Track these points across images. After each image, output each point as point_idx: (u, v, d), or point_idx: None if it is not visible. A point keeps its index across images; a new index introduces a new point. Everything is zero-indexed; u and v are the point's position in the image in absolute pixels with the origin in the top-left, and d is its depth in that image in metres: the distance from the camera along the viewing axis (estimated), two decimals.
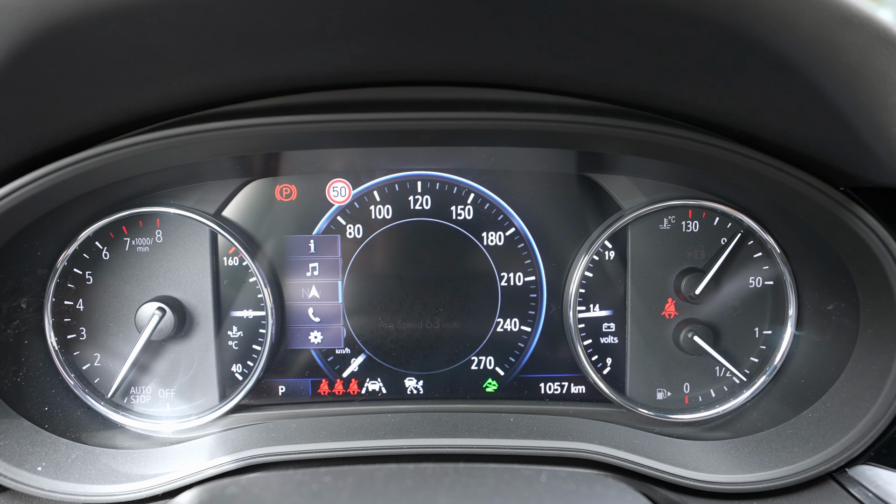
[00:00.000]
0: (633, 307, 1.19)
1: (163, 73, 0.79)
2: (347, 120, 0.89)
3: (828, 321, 1.09)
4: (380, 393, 1.24)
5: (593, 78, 0.84)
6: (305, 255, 1.20)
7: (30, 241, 1.04)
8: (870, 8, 0.63)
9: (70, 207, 1.02)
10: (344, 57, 0.80)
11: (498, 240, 1.21)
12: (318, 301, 1.21)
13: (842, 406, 1.00)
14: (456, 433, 1.02)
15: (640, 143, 0.92)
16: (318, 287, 1.21)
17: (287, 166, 1.16)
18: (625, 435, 1.07)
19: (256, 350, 1.20)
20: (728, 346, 1.19)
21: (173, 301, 1.15)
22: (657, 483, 0.95)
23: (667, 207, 1.15)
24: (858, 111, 0.71)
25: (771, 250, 1.15)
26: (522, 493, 0.79)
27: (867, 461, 0.97)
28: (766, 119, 0.83)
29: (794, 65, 0.67)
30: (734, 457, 1.02)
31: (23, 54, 0.66)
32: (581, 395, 1.24)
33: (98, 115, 0.85)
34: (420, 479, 0.83)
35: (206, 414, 1.17)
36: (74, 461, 1.00)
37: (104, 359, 1.17)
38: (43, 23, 0.63)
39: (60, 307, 1.14)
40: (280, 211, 1.19)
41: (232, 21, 0.68)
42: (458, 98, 0.91)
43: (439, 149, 1.11)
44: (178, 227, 1.16)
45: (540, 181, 1.19)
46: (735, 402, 1.18)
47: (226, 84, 0.85)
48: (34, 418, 1.04)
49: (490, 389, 1.24)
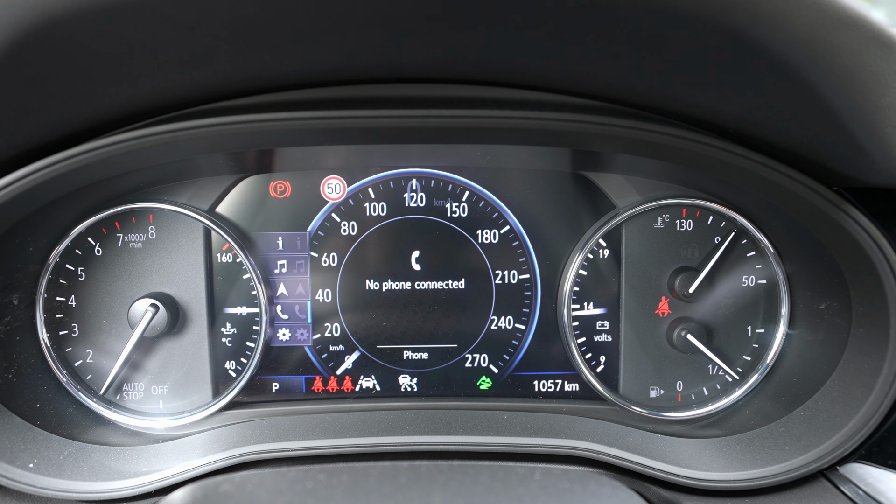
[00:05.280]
0: (627, 305, 1.19)
1: (157, 68, 0.78)
2: (342, 117, 0.89)
3: (820, 320, 1.09)
4: (374, 390, 1.24)
5: (589, 76, 0.84)
6: (299, 252, 1.20)
7: (21, 236, 1.03)
8: (865, 9, 0.63)
9: (62, 203, 1.01)
10: (339, 53, 0.79)
11: (492, 237, 1.21)
12: (312, 298, 1.21)
13: (833, 404, 1.00)
14: (450, 430, 1.02)
15: (635, 141, 0.92)
16: (313, 284, 1.21)
17: (281, 163, 1.16)
18: (618, 432, 1.08)
19: (250, 347, 1.19)
20: (721, 345, 1.19)
21: (166, 297, 1.14)
22: (650, 480, 0.95)
23: (661, 206, 1.15)
24: (852, 112, 0.72)
25: (764, 249, 1.15)
26: (516, 491, 0.79)
27: (858, 459, 0.98)
28: (760, 118, 0.84)
29: (790, 65, 0.67)
30: (727, 454, 1.03)
31: (16, 49, 0.66)
32: (575, 393, 1.24)
33: (91, 110, 0.85)
34: (414, 477, 0.83)
35: (199, 411, 1.17)
36: (67, 458, 0.99)
37: (96, 355, 1.16)
38: (36, 17, 0.62)
39: (52, 303, 1.13)
40: (274, 207, 1.19)
41: (226, 16, 0.68)
42: (453, 95, 0.91)
43: (434, 146, 1.11)
44: (171, 224, 1.15)
45: (535, 179, 1.19)
46: (727, 400, 1.19)
47: (220, 80, 0.85)
48: (26, 415, 1.03)
49: (484, 387, 1.25)
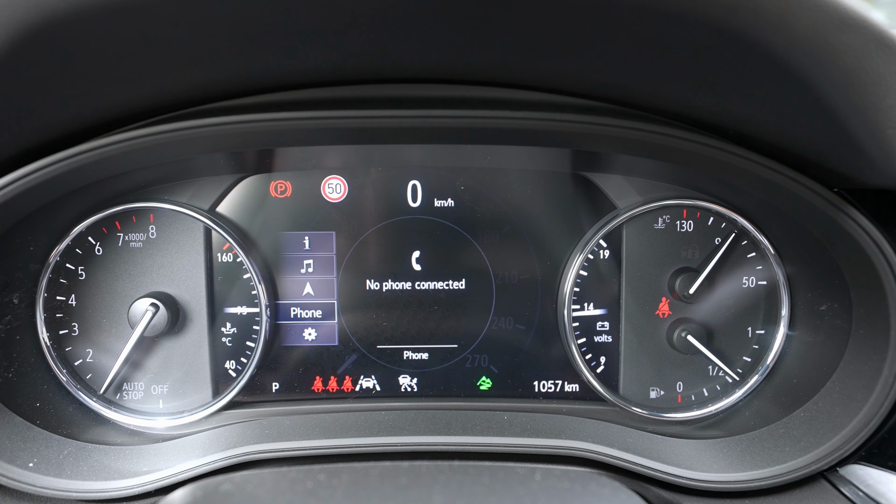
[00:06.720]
0: (627, 306, 1.19)
1: (157, 68, 0.78)
2: (343, 117, 0.89)
3: (820, 321, 1.09)
4: (374, 390, 1.24)
5: (590, 77, 0.84)
6: (300, 252, 1.20)
7: (22, 236, 1.03)
8: (866, 10, 0.63)
9: (63, 202, 1.01)
10: (340, 53, 0.79)
11: (493, 238, 1.21)
12: (313, 298, 1.21)
13: (833, 406, 1.00)
14: (450, 431, 1.02)
15: (636, 142, 0.92)
16: (313, 284, 1.21)
17: (282, 163, 1.16)
18: (618, 433, 1.08)
19: (250, 347, 1.19)
20: (721, 346, 1.19)
21: (166, 297, 1.14)
22: (650, 481, 0.95)
23: (661, 207, 1.15)
24: (854, 113, 0.72)
25: (765, 251, 1.15)
26: (517, 491, 0.79)
27: (858, 461, 0.97)
28: (761, 120, 0.84)
29: (791, 67, 0.67)
30: (726, 455, 1.03)
31: (17, 48, 0.65)
32: (575, 394, 1.24)
33: (92, 109, 0.85)
34: (414, 477, 0.82)
35: (199, 410, 1.17)
36: (67, 457, 0.99)
37: (96, 355, 1.16)
38: (37, 16, 0.62)
39: (53, 303, 1.13)
40: (275, 207, 1.19)
41: (228, 16, 0.68)
42: (454, 96, 0.91)
43: (435, 146, 1.10)
44: (171, 223, 1.15)
45: (535, 180, 1.19)
46: (728, 401, 1.18)
47: (221, 80, 0.85)
48: (26, 414, 1.03)
49: (484, 387, 1.24)
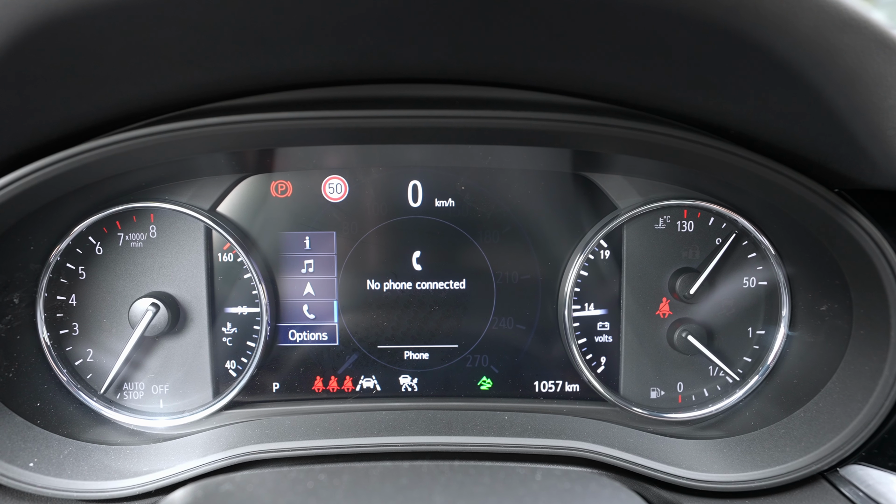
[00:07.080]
0: (628, 306, 1.19)
1: (158, 68, 0.78)
2: (344, 117, 0.89)
3: (821, 322, 1.09)
4: (374, 390, 1.24)
5: (590, 77, 0.84)
6: (300, 252, 1.20)
7: (22, 235, 1.03)
8: (867, 11, 0.63)
9: (63, 202, 1.01)
10: (341, 53, 0.79)
11: (493, 238, 1.21)
12: (313, 298, 1.21)
13: (834, 406, 1.00)
14: (450, 431, 1.02)
15: (637, 142, 0.92)
16: (313, 284, 1.21)
17: (283, 163, 1.16)
18: (618, 433, 1.08)
19: (250, 347, 1.19)
20: (721, 346, 1.19)
21: (167, 297, 1.14)
22: (650, 481, 0.95)
23: (662, 207, 1.15)
24: (855, 113, 0.72)
25: (765, 251, 1.15)
26: (517, 492, 0.79)
27: (858, 461, 0.97)
28: (762, 120, 0.84)
29: (792, 67, 0.67)
30: (727, 456, 1.03)
31: (18, 48, 0.66)
32: (575, 394, 1.24)
33: (92, 109, 0.85)
34: (415, 477, 0.82)
35: (199, 410, 1.17)
36: (67, 457, 0.99)
37: (97, 354, 1.16)
38: (39, 16, 0.62)
39: (53, 302, 1.13)
40: (275, 207, 1.19)
41: (228, 16, 0.68)
42: (454, 96, 0.91)
43: (435, 146, 1.10)
44: (172, 223, 1.15)
45: (536, 180, 1.19)
46: (728, 401, 1.19)
47: (221, 80, 0.85)
48: (26, 414, 1.03)
49: (485, 387, 1.24)
